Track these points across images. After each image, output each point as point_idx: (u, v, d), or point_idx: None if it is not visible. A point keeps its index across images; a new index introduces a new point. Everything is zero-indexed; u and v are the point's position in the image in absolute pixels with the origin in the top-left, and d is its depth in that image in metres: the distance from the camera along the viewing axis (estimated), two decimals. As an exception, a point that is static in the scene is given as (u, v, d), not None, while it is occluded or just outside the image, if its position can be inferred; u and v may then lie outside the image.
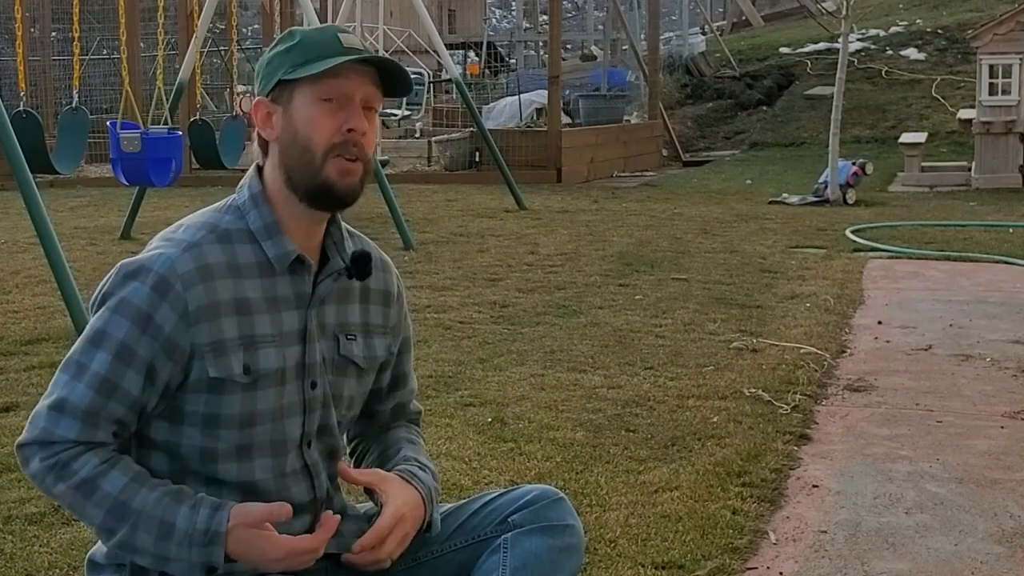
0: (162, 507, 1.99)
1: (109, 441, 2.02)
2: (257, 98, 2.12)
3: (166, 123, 9.26)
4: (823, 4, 24.42)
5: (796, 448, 4.33)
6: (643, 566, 3.25)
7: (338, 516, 2.09)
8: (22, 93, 8.78)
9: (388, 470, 2.22)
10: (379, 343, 2.25)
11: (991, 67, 13.01)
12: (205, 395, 2.04)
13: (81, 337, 2.05)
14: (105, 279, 2.08)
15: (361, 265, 2.17)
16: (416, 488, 2.17)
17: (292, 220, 2.10)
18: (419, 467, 2.23)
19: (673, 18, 23.55)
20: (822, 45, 21.37)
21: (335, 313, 2.18)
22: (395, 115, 15.26)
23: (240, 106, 13.03)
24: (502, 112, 17.12)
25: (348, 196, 2.08)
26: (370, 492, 2.21)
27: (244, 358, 2.04)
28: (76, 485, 1.99)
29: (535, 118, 16.79)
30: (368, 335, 2.23)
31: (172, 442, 2.07)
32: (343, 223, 2.22)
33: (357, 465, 2.35)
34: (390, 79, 2.12)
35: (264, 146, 2.12)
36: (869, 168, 12.37)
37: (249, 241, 2.09)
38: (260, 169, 2.14)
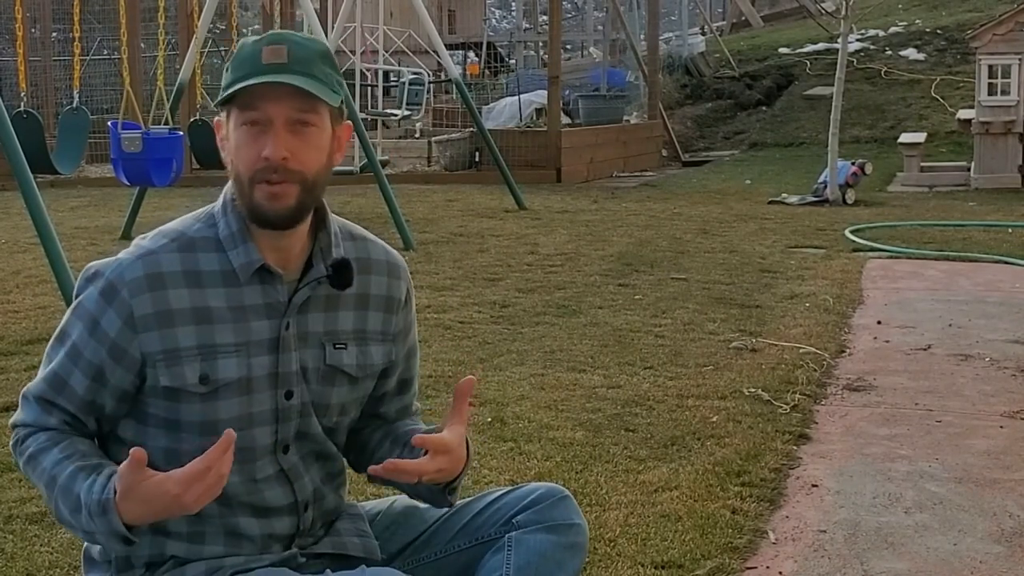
0: (74, 480, 1.98)
1: (62, 428, 2.07)
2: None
3: (167, 123, 9.28)
4: (822, 4, 24.42)
5: (795, 448, 4.34)
6: (643, 565, 3.26)
7: (233, 434, 1.92)
8: (23, 93, 8.81)
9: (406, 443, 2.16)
10: (376, 350, 2.19)
11: (990, 67, 13.02)
12: (163, 402, 2.05)
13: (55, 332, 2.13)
14: None
15: (341, 273, 2.11)
16: (466, 449, 2.12)
17: (257, 231, 2.07)
18: None
19: (673, 18, 23.54)
20: (821, 45, 21.36)
21: (322, 321, 2.13)
22: (395, 115, 15.25)
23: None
24: (502, 112, 17.12)
25: (279, 220, 2.02)
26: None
27: (202, 368, 2.02)
28: (26, 460, 2.06)
29: (535, 118, 16.79)
30: (363, 343, 2.17)
31: (139, 442, 2.06)
32: (347, 227, 2.19)
33: (360, 454, 2.27)
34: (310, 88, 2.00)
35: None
36: (868, 168, 12.38)
37: (215, 250, 2.06)
38: None
